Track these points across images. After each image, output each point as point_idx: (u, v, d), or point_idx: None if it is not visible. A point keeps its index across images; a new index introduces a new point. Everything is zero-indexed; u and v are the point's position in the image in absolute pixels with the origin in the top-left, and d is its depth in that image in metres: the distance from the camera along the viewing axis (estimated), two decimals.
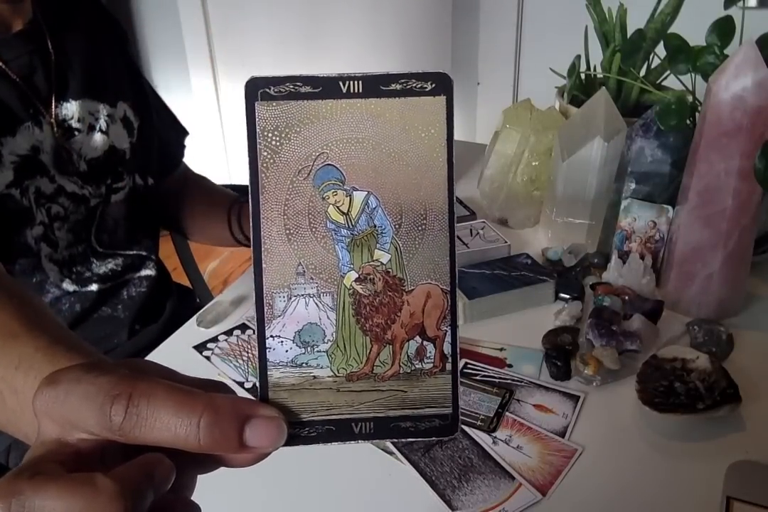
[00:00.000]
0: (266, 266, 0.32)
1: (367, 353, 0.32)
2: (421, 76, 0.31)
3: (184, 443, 0.29)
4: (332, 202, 0.32)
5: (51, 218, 0.86)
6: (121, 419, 0.28)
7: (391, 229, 0.32)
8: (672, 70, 0.86)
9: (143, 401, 0.29)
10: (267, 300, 0.32)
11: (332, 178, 0.31)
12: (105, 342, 0.96)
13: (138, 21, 2.58)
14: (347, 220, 0.32)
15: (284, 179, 0.31)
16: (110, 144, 0.91)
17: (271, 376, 0.32)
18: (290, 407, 0.32)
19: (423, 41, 2.27)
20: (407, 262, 0.32)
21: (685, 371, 0.74)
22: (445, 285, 0.32)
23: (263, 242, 0.32)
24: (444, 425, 0.32)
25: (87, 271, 0.93)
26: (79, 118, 0.86)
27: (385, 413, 0.32)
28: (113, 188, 0.93)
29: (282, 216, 0.31)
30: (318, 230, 0.32)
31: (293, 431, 0.31)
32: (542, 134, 1.03)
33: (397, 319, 0.32)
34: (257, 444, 0.30)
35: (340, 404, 0.32)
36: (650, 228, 0.90)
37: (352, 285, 0.32)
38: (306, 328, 0.32)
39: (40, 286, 0.89)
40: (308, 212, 0.32)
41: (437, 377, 0.32)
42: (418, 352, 0.32)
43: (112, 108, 0.90)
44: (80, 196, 0.88)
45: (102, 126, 0.89)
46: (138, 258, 1.00)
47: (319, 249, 0.32)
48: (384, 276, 0.32)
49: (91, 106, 0.88)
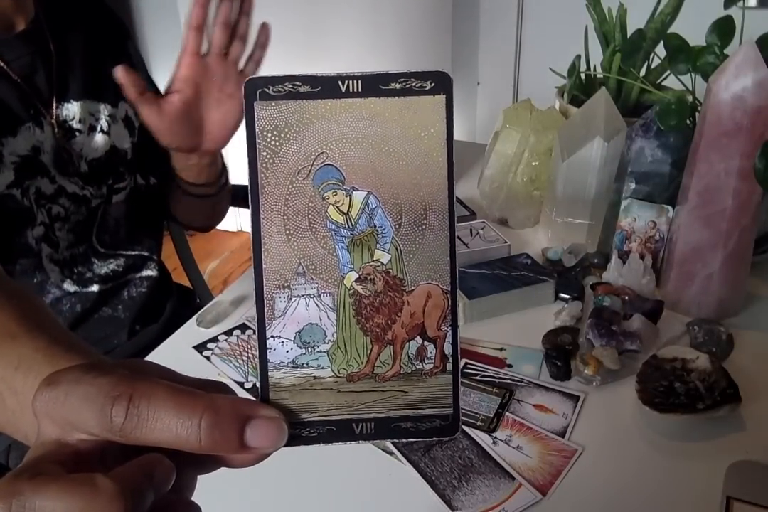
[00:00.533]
0: (266, 266, 0.32)
1: (368, 353, 0.32)
2: (421, 75, 0.31)
3: (185, 444, 0.29)
4: (332, 202, 0.31)
5: (52, 218, 0.86)
6: (121, 420, 0.28)
7: (392, 229, 0.32)
8: (672, 70, 0.86)
9: (144, 402, 0.29)
10: (267, 301, 0.32)
11: (332, 178, 0.31)
12: (105, 343, 0.96)
13: (138, 21, 2.58)
14: (347, 220, 0.32)
15: (284, 179, 0.31)
16: (111, 144, 0.91)
17: (271, 377, 0.32)
18: (291, 407, 0.32)
19: (423, 41, 2.26)
20: (407, 262, 0.32)
21: (685, 371, 0.74)
22: (446, 285, 0.32)
23: (263, 242, 0.31)
24: (445, 425, 0.32)
25: (88, 272, 0.93)
26: (80, 119, 0.86)
27: (386, 413, 0.32)
28: (114, 188, 0.93)
29: (282, 216, 0.31)
30: (318, 230, 0.32)
31: (294, 431, 0.31)
32: (542, 134, 1.03)
33: (397, 320, 0.32)
34: (258, 444, 0.30)
35: (340, 404, 0.32)
36: (650, 228, 0.90)
37: (353, 285, 0.32)
38: (306, 329, 0.32)
39: (41, 287, 0.89)
40: (308, 212, 0.31)
41: (438, 377, 0.32)
42: (418, 353, 0.32)
43: (114, 108, 0.91)
44: (81, 196, 0.88)
45: (103, 126, 0.89)
46: (140, 259, 1.00)
47: (319, 249, 0.32)
48: (384, 276, 0.32)
49: (92, 106, 0.88)
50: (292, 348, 0.32)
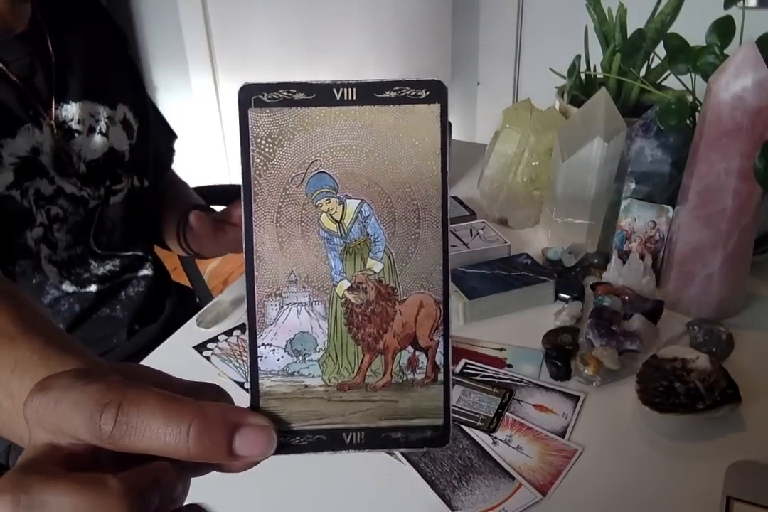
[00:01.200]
0: (258, 274, 0.31)
1: (359, 363, 0.32)
2: (416, 83, 0.31)
3: (174, 451, 0.29)
4: (325, 210, 0.31)
5: (51, 219, 0.86)
6: (110, 428, 0.28)
7: (384, 238, 0.31)
8: (672, 70, 0.86)
9: (133, 409, 0.29)
10: (259, 309, 0.32)
11: (325, 186, 0.31)
12: (105, 342, 0.97)
13: (138, 21, 2.58)
14: (340, 229, 0.31)
15: (277, 186, 0.31)
16: (110, 146, 0.91)
17: (262, 385, 0.32)
18: (281, 416, 0.32)
19: (423, 41, 2.26)
20: (400, 271, 0.32)
21: (685, 371, 0.74)
22: (438, 295, 0.32)
23: (255, 250, 0.31)
24: (435, 436, 0.32)
25: (86, 272, 0.93)
26: (79, 120, 0.86)
27: (376, 423, 0.32)
28: (112, 190, 0.93)
29: (275, 224, 0.31)
30: (310, 238, 0.31)
31: (283, 440, 0.31)
32: (542, 134, 1.03)
33: (389, 329, 0.32)
34: (247, 452, 0.30)
35: (331, 413, 0.32)
36: (650, 228, 0.90)
37: (345, 294, 0.32)
38: (298, 337, 0.32)
39: (40, 288, 0.89)
40: (301, 220, 0.31)
41: (429, 387, 0.32)
42: (410, 362, 0.32)
43: (112, 110, 0.91)
44: (79, 197, 0.88)
45: (102, 128, 0.89)
46: (135, 259, 1.00)
47: (311, 257, 0.31)
48: (376, 285, 0.32)
49: (91, 107, 0.88)
50: (282, 357, 0.32)
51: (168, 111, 3.25)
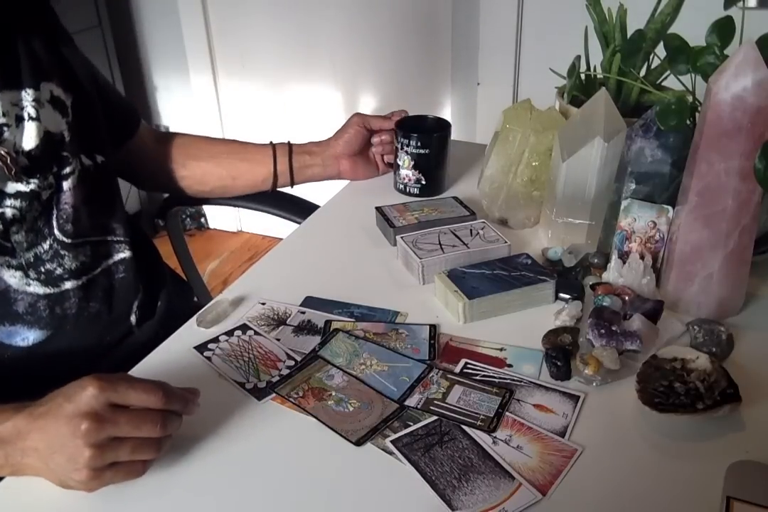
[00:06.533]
0: None
1: None
2: None
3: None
4: None
5: (6, 223, 0.82)
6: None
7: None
8: (672, 70, 0.86)
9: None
10: None
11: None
12: (101, 342, 0.94)
13: (138, 21, 2.58)
14: None
15: None
16: (45, 130, 0.84)
17: None
18: None
19: (423, 41, 2.27)
20: None
21: (685, 371, 0.74)
22: None
23: None
24: None
25: (58, 268, 0.88)
26: (4, 112, 0.80)
27: None
28: (61, 175, 0.87)
29: None
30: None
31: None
32: (542, 134, 1.03)
33: None
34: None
35: None
36: (650, 228, 0.90)
37: None
38: None
39: (4, 297, 0.84)
40: None
41: None
42: None
43: (36, 91, 0.84)
44: (29, 192, 0.83)
45: (31, 113, 0.83)
46: (105, 244, 0.95)
47: None
48: None
49: (11, 96, 0.82)
50: None
51: (168, 111, 3.27)
